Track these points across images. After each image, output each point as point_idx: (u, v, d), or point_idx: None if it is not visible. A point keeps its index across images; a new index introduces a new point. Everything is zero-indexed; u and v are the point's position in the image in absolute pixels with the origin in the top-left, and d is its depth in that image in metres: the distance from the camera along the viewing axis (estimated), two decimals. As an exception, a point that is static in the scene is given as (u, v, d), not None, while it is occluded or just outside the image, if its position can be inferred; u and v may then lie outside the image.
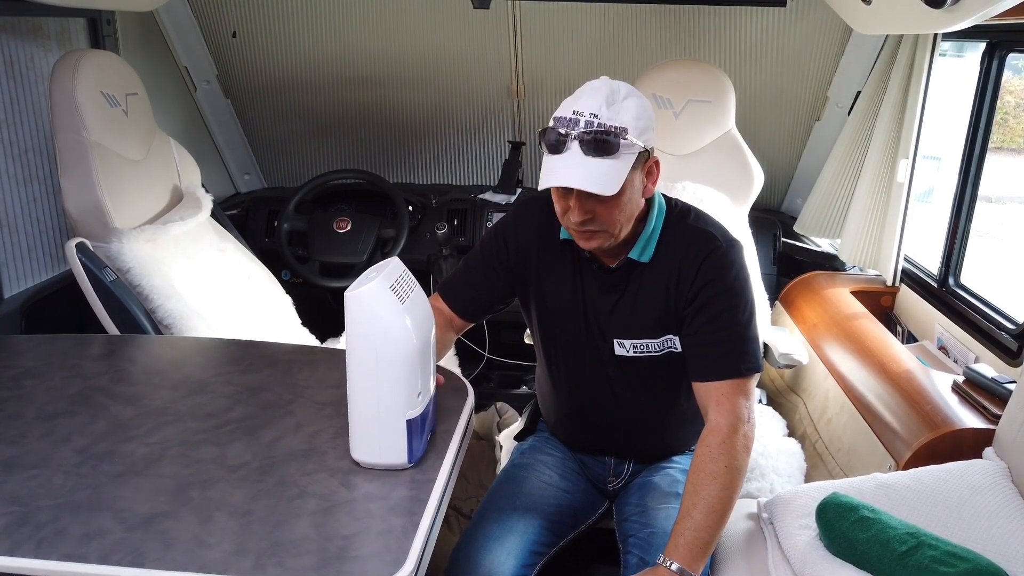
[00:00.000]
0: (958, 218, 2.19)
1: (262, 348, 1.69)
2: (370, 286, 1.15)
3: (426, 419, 1.25)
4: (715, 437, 1.38)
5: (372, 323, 1.15)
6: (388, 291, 1.16)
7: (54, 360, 1.58)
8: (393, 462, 1.21)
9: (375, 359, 1.16)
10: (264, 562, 1.00)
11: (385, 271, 1.20)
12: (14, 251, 2.08)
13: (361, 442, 1.22)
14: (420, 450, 1.24)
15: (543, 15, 2.66)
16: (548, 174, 1.34)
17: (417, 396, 1.20)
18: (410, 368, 1.18)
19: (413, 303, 1.20)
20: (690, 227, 1.48)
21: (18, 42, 2.07)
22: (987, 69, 2.09)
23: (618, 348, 1.51)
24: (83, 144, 1.87)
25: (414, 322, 1.18)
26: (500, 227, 1.59)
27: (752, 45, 2.66)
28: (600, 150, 1.30)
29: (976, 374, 1.70)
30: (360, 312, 1.16)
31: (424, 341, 1.22)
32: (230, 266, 2.22)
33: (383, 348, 1.16)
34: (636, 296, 1.48)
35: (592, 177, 1.30)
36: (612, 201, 1.35)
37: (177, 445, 1.27)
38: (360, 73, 2.91)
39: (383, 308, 1.15)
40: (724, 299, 1.43)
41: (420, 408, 1.21)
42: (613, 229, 1.38)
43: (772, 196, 3.02)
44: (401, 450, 1.20)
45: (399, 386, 1.18)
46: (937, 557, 1.23)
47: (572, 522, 1.60)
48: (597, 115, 1.31)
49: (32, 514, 1.08)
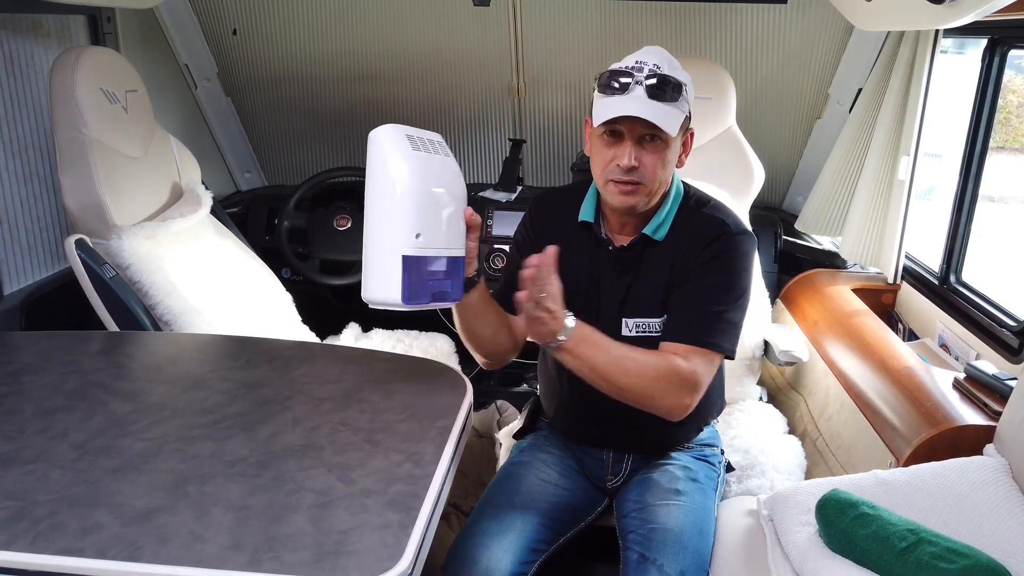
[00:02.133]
0: (959, 215, 2.18)
1: (261, 344, 1.69)
2: (389, 127, 1.28)
3: (432, 272, 1.31)
4: (670, 363, 1.42)
5: (378, 158, 1.27)
6: (403, 136, 1.27)
7: (53, 356, 1.58)
8: (387, 298, 1.27)
9: (378, 192, 1.28)
10: (260, 557, 1.00)
11: (420, 130, 1.32)
12: (14, 248, 2.08)
13: (367, 276, 1.30)
14: (420, 298, 1.29)
15: (543, 12, 2.66)
16: (611, 108, 1.40)
17: (416, 237, 1.27)
18: (407, 206, 1.26)
19: (430, 160, 1.29)
20: (705, 214, 1.54)
21: (18, 39, 2.07)
22: (988, 65, 2.08)
23: (624, 328, 1.54)
24: (83, 141, 1.87)
25: (422, 172, 1.27)
26: (523, 221, 1.68)
27: (753, 42, 2.66)
28: (663, 95, 1.39)
29: (977, 371, 1.69)
30: (373, 147, 1.28)
31: (432, 191, 1.29)
32: (230, 263, 2.22)
33: (382, 182, 1.27)
34: (645, 275, 1.53)
35: (656, 115, 1.39)
36: (661, 152, 1.43)
37: (175, 440, 1.27)
38: (360, 70, 2.91)
39: (390, 147, 1.27)
40: (718, 276, 1.48)
41: (419, 250, 1.27)
42: (653, 184, 1.45)
43: (773, 194, 3.02)
44: (395, 286, 1.26)
45: (393, 220, 1.26)
46: (937, 553, 1.23)
47: (571, 520, 1.60)
48: (660, 67, 1.42)
49: (29, 509, 1.08)
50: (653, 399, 1.43)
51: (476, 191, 2.90)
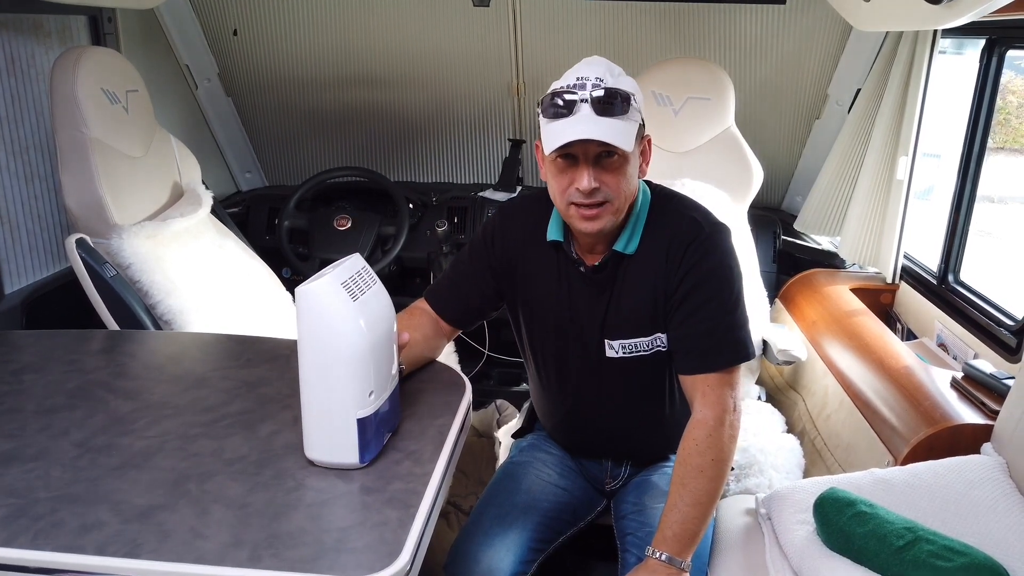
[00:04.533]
0: (958, 215, 2.18)
1: (261, 343, 1.70)
2: (320, 282, 1.13)
3: (382, 418, 1.21)
4: (701, 430, 1.38)
5: (321, 320, 1.13)
6: (339, 287, 1.13)
7: (54, 355, 1.58)
8: (344, 461, 1.18)
9: (324, 356, 1.14)
10: (260, 553, 1.01)
11: (341, 267, 1.17)
12: (15, 247, 2.09)
13: (312, 440, 1.19)
14: (374, 450, 1.21)
15: (543, 13, 2.67)
16: (559, 134, 1.31)
17: (369, 395, 1.16)
18: (360, 367, 1.14)
19: (368, 301, 1.17)
20: (674, 213, 1.45)
21: (19, 39, 2.08)
22: (986, 65, 2.09)
23: (608, 350, 1.49)
24: (84, 141, 1.88)
25: (367, 320, 1.15)
26: (486, 229, 1.57)
27: (752, 42, 2.66)
28: (611, 109, 1.30)
29: (975, 370, 1.70)
30: (309, 308, 1.13)
31: (379, 339, 1.18)
32: (230, 263, 2.22)
33: (332, 346, 1.13)
34: (624, 293, 1.46)
35: (607, 133, 1.30)
36: (620, 168, 1.34)
37: (175, 439, 1.27)
38: (361, 71, 2.92)
39: (332, 305, 1.13)
40: (709, 287, 1.41)
41: (372, 407, 1.17)
42: (619, 200, 1.36)
43: (772, 194, 3.02)
44: (352, 449, 1.17)
45: (349, 384, 1.14)
46: (934, 552, 1.23)
47: (570, 519, 1.60)
48: (603, 80, 1.32)
49: (30, 506, 1.09)
50: (729, 460, 1.40)
51: (476, 191, 2.91)
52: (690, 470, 1.36)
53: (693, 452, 1.37)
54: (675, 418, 1.56)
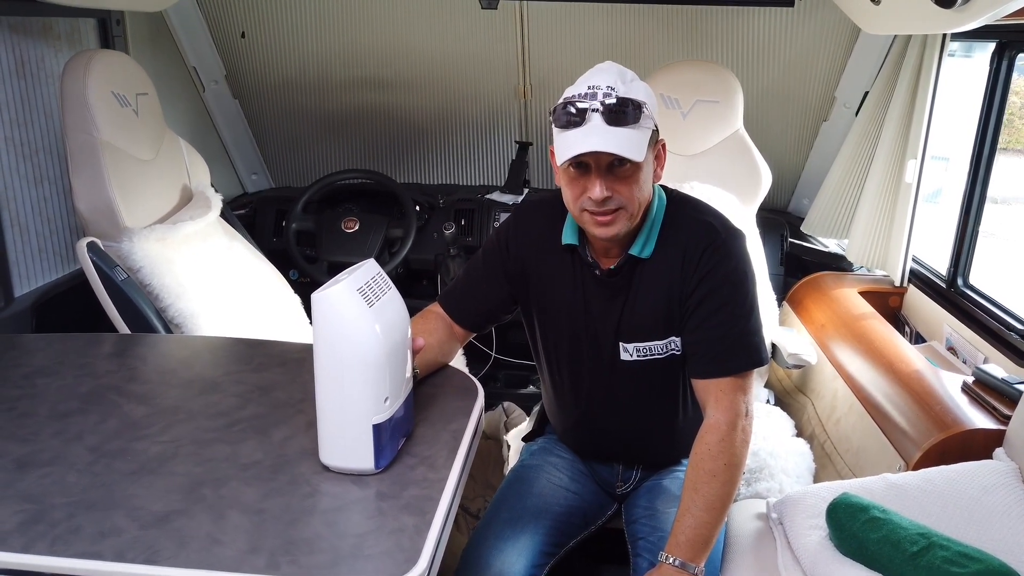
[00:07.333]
0: (967, 218, 2.18)
1: (272, 347, 1.70)
2: (337, 287, 1.13)
3: (396, 424, 1.21)
4: (714, 435, 1.38)
5: (337, 326, 1.13)
6: (355, 293, 1.13)
7: (65, 359, 1.58)
8: (359, 467, 1.18)
9: (340, 362, 1.14)
10: (278, 560, 1.01)
11: (356, 273, 1.17)
12: (25, 250, 2.09)
13: (327, 445, 1.19)
14: (389, 455, 1.21)
15: (551, 15, 2.67)
16: (571, 145, 1.31)
17: (384, 401, 1.16)
18: (376, 372, 1.14)
19: (384, 307, 1.18)
20: (689, 218, 1.45)
21: (29, 42, 2.08)
22: (996, 69, 2.09)
23: (623, 353, 1.49)
24: (94, 144, 1.88)
25: (383, 326, 1.15)
26: (500, 232, 1.57)
27: (760, 45, 2.66)
28: (623, 119, 1.29)
29: (986, 375, 1.70)
30: (325, 314, 1.13)
31: (394, 346, 1.18)
32: (239, 265, 2.23)
33: (348, 352, 1.13)
34: (639, 296, 1.46)
35: (618, 144, 1.29)
36: (633, 176, 1.34)
37: (189, 443, 1.27)
38: (368, 73, 2.92)
39: (348, 311, 1.13)
40: (723, 293, 1.41)
41: (388, 413, 1.17)
42: (632, 207, 1.36)
43: (779, 196, 3.02)
44: (367, 455, 1.17)
45: (365, 390, 1.14)
46: (948, 558, 1.23)
47: (581, 524, 1.60)
48: (614, 88, 1.31)
49: (46, 512, 1.09)
50: (742, 464, 1.40)
51: (483, 193, 2.91)
52: (703, 475, 1.36)
53: (706, 457, 1.37)
54: (687, 422, 1.56)
